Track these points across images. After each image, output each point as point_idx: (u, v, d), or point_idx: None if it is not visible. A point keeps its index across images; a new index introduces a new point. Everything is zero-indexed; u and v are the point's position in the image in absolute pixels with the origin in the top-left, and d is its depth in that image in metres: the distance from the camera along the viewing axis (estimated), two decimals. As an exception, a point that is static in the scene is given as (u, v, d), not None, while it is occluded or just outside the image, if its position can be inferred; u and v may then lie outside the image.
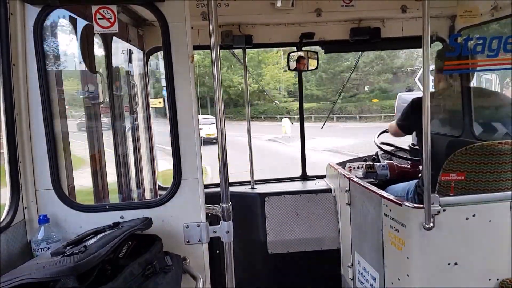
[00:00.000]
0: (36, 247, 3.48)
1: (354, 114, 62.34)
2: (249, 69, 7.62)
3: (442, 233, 4.19)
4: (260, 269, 6.83)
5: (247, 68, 7.12)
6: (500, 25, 5.42)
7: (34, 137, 3.66)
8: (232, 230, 3.81)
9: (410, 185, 5.34)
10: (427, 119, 3.84)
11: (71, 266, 2.66)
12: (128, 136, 6.01)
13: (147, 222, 3.57)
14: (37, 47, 3.59)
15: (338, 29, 6.57)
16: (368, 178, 6.31)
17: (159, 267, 3.33)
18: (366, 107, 62.76)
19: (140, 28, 6.06)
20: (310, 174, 7.54)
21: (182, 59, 3.69)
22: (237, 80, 58.83)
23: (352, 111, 62.71)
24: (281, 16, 6.21)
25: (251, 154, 7.11)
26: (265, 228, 6.62)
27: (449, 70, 4.63)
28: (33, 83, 3.60)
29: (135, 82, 6.20)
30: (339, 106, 59.74)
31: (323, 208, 6.65)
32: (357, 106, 63.33)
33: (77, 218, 3.75)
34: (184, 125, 3.75)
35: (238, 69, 59.17)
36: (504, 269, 4.30)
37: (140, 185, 6.28)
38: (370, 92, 65.67)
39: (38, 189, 3.72)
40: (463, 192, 4.39)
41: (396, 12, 6.14)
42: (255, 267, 6.84)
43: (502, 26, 5.42)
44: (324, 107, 60.08)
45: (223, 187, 3.71)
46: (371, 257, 5.27)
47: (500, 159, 4.31)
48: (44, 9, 3.57)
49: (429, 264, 4.28)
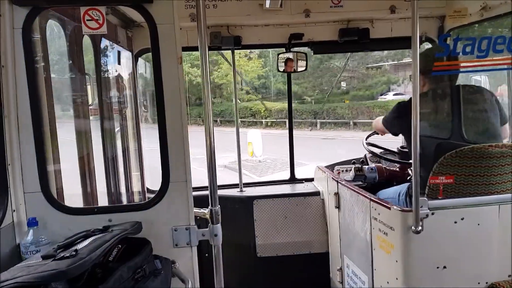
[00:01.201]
0: (25, 250, 3.45)
1: (346, 119, 47.02)
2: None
3: (431, 236, 4.19)
4: (249, 272, 6.82)
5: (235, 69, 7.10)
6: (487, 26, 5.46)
7: (23, 139, 3.63)
8: (221, 233, 3.80)
9: (402, 188, 5.32)
10: (416, 121, 3.83)
11: (63, 270, 2.65)
12: (117, 138, 5.99)
13: (137, 226, 3.55)
14: (26, 49, 3.56)
15: (327, 29, 6.58)
16: (357, 181, 6.28)
17: (149, 271, 3.32)
18: (363, 108, 47.24)
19: (129, 30, 6.04)
20: (298, 177, 7.52)
21: (171, 60, 3.67)
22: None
23: (344, 115, 47.23)
24: (270, 17, 6.20)
25: (239, 155, 7.09)
26: (253, 231, 6.61)
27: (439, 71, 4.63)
28: (22, 85, 3.58)
29: (124, 84, 6.18)
30: (324, 107, 47.67)
31: (311, 211, 6.65)
32: (351, 108, 47.71)
33: (65, 221, 3.73)
34: (173, 127, 3.73)
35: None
36: (493, 272, 4.32)
37: (128, 187, 6.26)
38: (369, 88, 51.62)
39: (26, 191, 3.69)
40: (452, 196, 4.38)
41: (385, 12, 6.14)
42: (244, 270, 6.83)
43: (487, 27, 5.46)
44: (304, 109, 48.25)
45: (212, 190, 3.69)
46: (360, 261, 5.27)
47: (490, 162, 4.30)
48: (33, 10, 3.55)
49: (418, 267, 4.28)
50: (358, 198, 5.12)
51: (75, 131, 4.99)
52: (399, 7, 6.06)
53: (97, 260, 2.93)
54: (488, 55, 4.23)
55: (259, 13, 6.04)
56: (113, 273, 3.01)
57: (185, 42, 5.88)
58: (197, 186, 5.09)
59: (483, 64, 4.48)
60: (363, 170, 6.27)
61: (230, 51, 6.81)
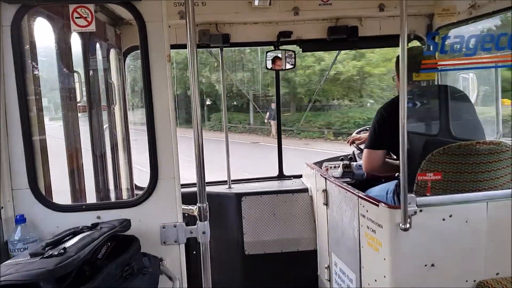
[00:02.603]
0: (12, 247, 3.45)
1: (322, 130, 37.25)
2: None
3: (419, 234, 4.19)
4: (237, 270, 6.81)
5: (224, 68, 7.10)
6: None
7: (11, 136, 3.62)
8: (209, 230, 3.80)
9: (389, 185, 5.31)
10: (404, 119, 3.85)
11: (51, 269, 2.65)
12: (106, 135, 5.98)
13: (126, 223, 3.54)
14: (14, 46, 3.55)
15: (315, 27, 6.60)
16: (345, 177, 6.30)
17: (137, 268, 3.32)
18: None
19: (118, 27, 6.04)
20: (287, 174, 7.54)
21: (159, 58, 3.67)
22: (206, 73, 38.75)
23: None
24: (259, 15, 6.21)
25: (228, 154, 7.10)
26: (241, 228, 6.61)
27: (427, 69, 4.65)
28: (10, 82, 3.57)
29: (112, 81, 6.17)
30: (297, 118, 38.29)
31: (300, 208, 6.66)
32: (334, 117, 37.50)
33: (54, 218, 3.72)
34: (161, 124, 3.74)
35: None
36: (481, 270, 4.32)
37: (117, 184, 6.25)
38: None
39: (14, 188, 3.69)
40: (440, 193, 4.38)
41: (373, 10, 6.17)
42: (232, 268, 6.82)
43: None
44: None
45: (200, 186, 3.69)
46: (347, 258, 5.27)
47: (478, 159, 4.31)
48: (21, 8, 3.54)
49: (406, 265, 4.27)
50: (346, 195, 5.12)
51: (63, 128, 4.98)
52: (387, 5, 6.08)
53: (85, 258, 2.93)
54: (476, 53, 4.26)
55: (248, 10, 6.05)
56: (101, 271, 3.00)
57: (173, 40, 5.88)
58: (185, 183, 5.09)
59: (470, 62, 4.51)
60: (351, 167, 6.30)
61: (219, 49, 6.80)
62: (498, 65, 4.71)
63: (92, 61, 5.50)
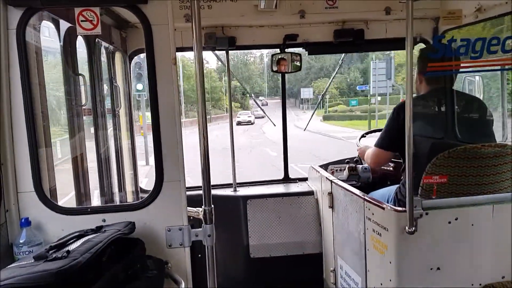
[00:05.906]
0: (18, 250, 3.45)
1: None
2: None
3: (425, 237, 4.18)
4: (242, 273, 6.79)
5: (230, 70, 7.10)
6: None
7: (16, 139, 3.62)
8: (214, 233, 3.77)
9: (390, 191, 5.29)
10: (409, 122, 3.83)
11: (54, 272, 2.65)
12: (110, 138, 5.98)
13: (131, 226, 3.54)
14: (20, 49, 3.56)
15: (321, 30, 6.59)
16: (351, 180, 6.26)
17: (141, 271, 3.32)
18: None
19: (123, 30, 6.04)
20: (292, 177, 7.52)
21: (165, 61, 3.67)
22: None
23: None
24: (265, 18, 6.20)
25: (233, 157, 7.09)
26: (247, 231, 6.59)
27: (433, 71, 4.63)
28: (15, 85, 3.58)
29: (117, 84, 6.18)
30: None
31: (305, 211, 6.63)
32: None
33: (59, 221, 3.72)
34: (167, 127, 3.73)
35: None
36: (487, 273, 4.31)
37: (122, 187, 6.25)
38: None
39: (19, 191, 3.69)
40: (446, 196, 4.36)
41: (380, 13, 6.15)
42: (237, 271, 6.80)
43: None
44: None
45: (205, 189, 3.66)
46: (353, 261, 5.25)
47: (483, 162, 4.30)
48: (27, 11, 3.55)
49: (412, 268, 4.26)
50: (352, 198, 5.11)
51: (68, 131, 4.99)
52: (394, 8, 6.06)
53: (89, 261, 2.92)
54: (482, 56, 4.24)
55: (254, 14, 6.04)
56: (106, 273, 3.01)
57: (179, 42, 5.88)
58: (190, 186, 5.08)
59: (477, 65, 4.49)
60: (357, 170, 6.26)
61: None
62: (505, 67, 4.69)
63: (97, 64, 5.50)
